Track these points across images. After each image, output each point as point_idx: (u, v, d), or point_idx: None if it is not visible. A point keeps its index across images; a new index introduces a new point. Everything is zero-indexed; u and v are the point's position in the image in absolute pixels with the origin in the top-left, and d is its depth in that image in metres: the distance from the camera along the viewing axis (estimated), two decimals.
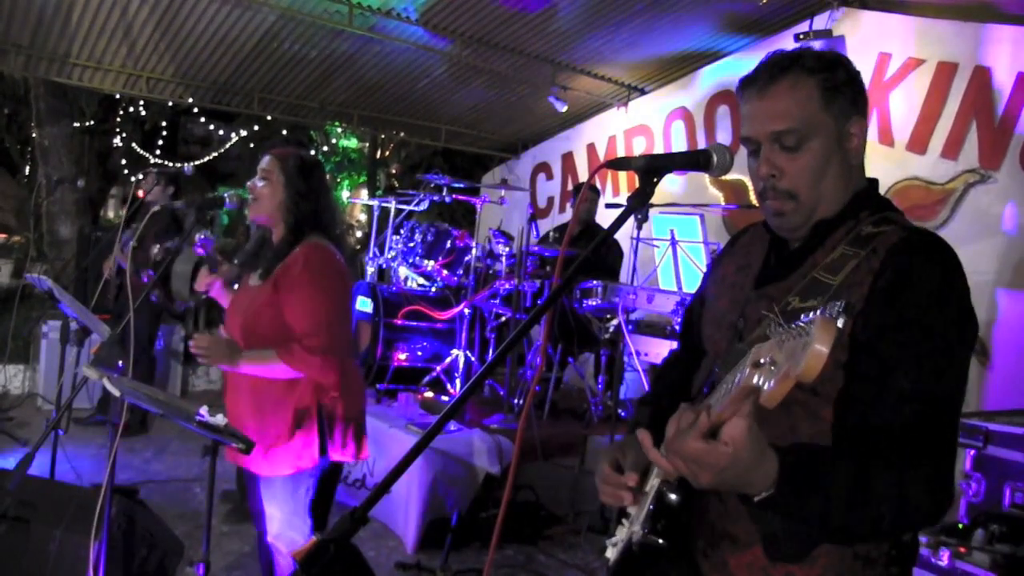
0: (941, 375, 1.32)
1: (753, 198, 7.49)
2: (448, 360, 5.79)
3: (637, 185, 1.41)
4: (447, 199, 6.22)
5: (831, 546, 1.36)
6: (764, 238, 1.60)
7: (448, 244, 6.04)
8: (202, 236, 2.74)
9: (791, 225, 1.49)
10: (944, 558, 3.12)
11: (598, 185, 8.31)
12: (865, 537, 1.35)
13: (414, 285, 6.43)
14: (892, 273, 1.33)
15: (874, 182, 1.54)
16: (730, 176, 7.11)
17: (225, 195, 2.89)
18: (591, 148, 9.03)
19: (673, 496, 1.37)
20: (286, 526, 2.70)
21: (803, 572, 1.38)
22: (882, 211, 1.47)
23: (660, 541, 1.38)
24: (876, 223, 1.42)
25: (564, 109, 7.98)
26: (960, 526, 3.31)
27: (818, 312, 0.92)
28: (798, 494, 1.21)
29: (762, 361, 1.00)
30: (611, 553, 1.59)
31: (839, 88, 1.44)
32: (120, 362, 2.58)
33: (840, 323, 0.91)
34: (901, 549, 1.42)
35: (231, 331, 2.78)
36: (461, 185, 6.34)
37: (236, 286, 2.93)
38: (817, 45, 6.36)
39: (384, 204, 6.91)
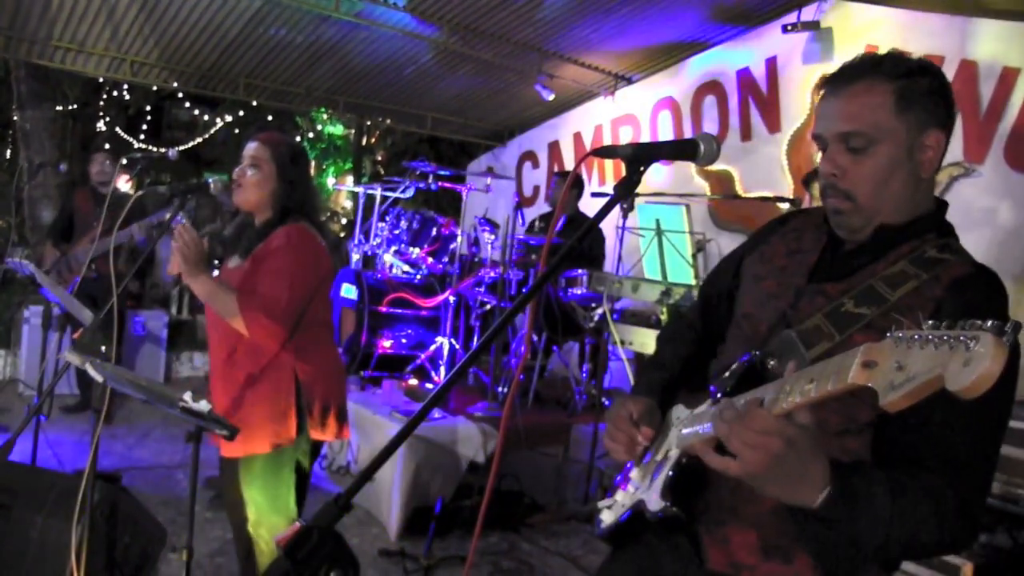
0: (987, 418, 1.35)
1: (739, 188, 7.55)
2: (433, 348, 5.79)
3: (623, 174, 1.42)
4: (433, 186, 6.20)
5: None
6: (822, 229, 1.58)
7: (433, 232, 6.03)
8: (178, 219, 2.73)
9: (848, 225, 1.49)
10: None
11: (584, 174, 8.33)
12: (899, 557, 1.38)
13: (399, 272, 6.42)
14: (955, 311, 1.29)
15: (943, 204, 1.54)
16: (716, 166, 7.13)
17: (209, 181, 2.88)
18: (577, 137, 9.03)
19: (692, 468, 1.40)
20: (268, 510, 2.69)
21: (799, 562, 1.41)
22: (946, 237, 1.48)
23: (680, 512, 1.40)
24: (940, 249, 1.42)
25: (551, 97, 7.97)
26: None
27: (988, 328, 0.89)
28: (851, 504, 1.22)
29: (875, 362, 0.99)
30: (606, 516, 1.59)
31: (918, 97, 1.42)
32: (103, 348, 2.56)
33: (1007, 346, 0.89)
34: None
35: (213, 313, 2.77)
36: (447, 173, 6.33)
37: (216, 273, 2.92)
38: (804, 37, 6.38)
39: (370, 191, 6.89)
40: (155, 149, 10.18)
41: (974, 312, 1.18)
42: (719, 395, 1.36)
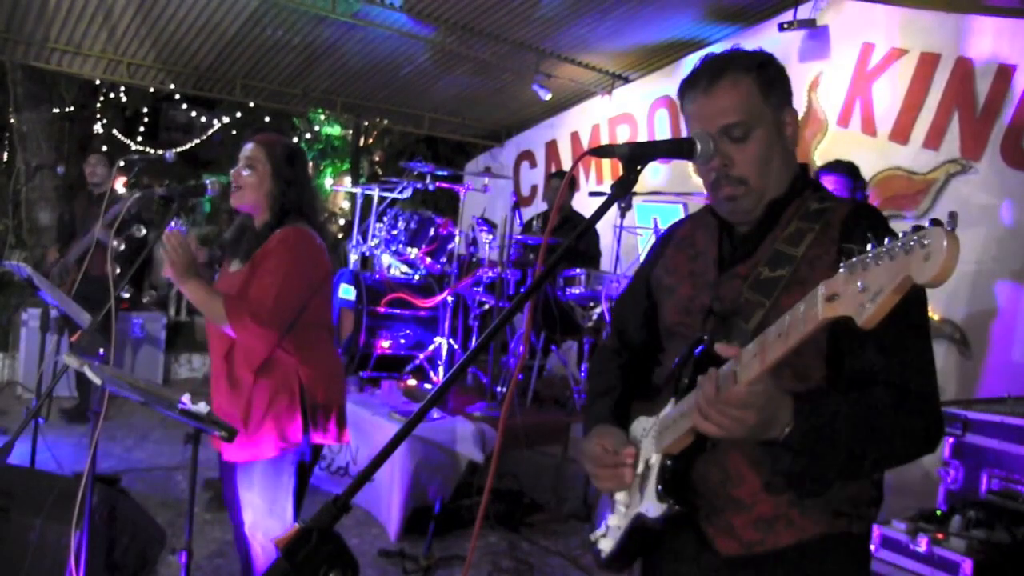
0: (919, 326, 1.49)
1: None
2: (431, 348, 5.79)
3: (621, 173, 1.44)
4: (430, 187, 6.20)
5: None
6: (711, 226, 1.70)
7: (431, 232, 6.03)
8: (174, 224, 2.72)
9: (744, 208, 1.60)
10: (922, 544, 3.16)
11: (581, 173, 8.34)
12: (872, 465, 1.47)
13: (397, 273, 6.42)
14: (859, 241, 1.42)
15: (805, 165, 1.70)
16: None
17: (207, 182, 2.88)
18: (575, 136, 9.03)
19: (678, 467, 1.47)
20: (265, 514, 2.68)
21: (802, 518, 1.49)
22: (819, 190, 1.64)
23: (684, 508, 1.46)
24: (819, 200, 1.57)
25: (548, 97, 7.96)
26: (938, 513, 3.35)
27: (928, 224, 0.97)
28: (814, 427, 1.35)
29: (836, 294, 1.07)
30: (606, 544, 1.61)
31: (773, 82, 1.59)
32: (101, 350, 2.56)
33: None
34: (879, 491, 1.58)
35: None
36: (444, 173, 6.33)
37: (217, 276, 2.92)
38: (801, 35, 6.38)
39: (367, 192, 6.88)
40: (152, 151, 10.18)
41: (875, 238, 1.25)
42: (677, 392, 1.49)
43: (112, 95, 10.29)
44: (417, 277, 6.30)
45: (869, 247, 1.04)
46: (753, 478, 1.50)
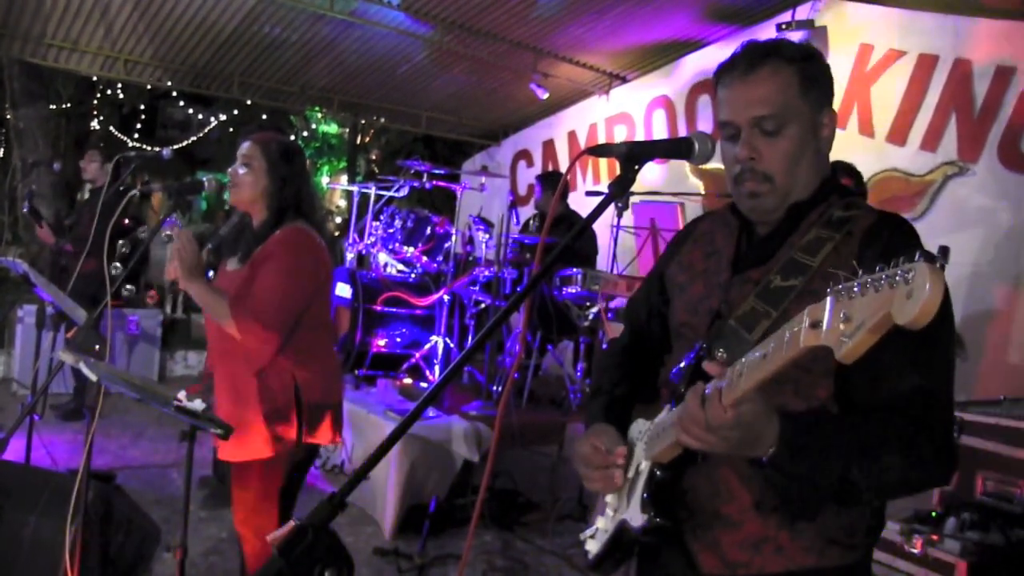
0: (934, 352, 1.38)
1: None
2: (427, 347, 5.79)
3: (618, 172, 1.43)
4: (427, 185, 6.19)
5: (820, 515, 1.42)
6: (730, 224, 1.62)
7: (428, 230, 6.03)
8: (171, 219, 2.72)
9: (765, 207, 1.52)
10: (917, 545, 3.17)
11: (578, 172, 8.35)
12: (873, 494, 1.38)
13: (393, 271, 6.41)
14: (876, 259, 1.35)
15: (836, 170, 1.60)
16: (711, 165, 7.13)
17: (203, 180, 2.87)
18: (572, 136, 9.02)
19: (666, 477, 1.41)
20: (253, 511, 2.69)
21: (792, 544, 1.43)
22: (847, 196, 1.53)
23: (664, 522, 1.41)
24: (845, 208, 1.47)
25: (546, 96, 7.96)
26: (933, 514, 3.36)
27: (920, 259, 0.91)
28: (801, 449, 1.28)
29: (823, 320, 1.01)
30: (592, 545, 1.59)
31: (815, 79, 1.50)
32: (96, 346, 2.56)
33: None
34: (877, 519, 1.49)
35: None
36: (441, 172, 6.32)
37: (211, 273, 2.91)
38: (799, 35, 6.38)
39: (364, 190, 6.88)
40: (149, 148, 10.17)
41: (895, 255, 1.22)
42: (674, 398, 1.41)
43: (109, 92, 10.29)
44: (413, 276, 6.29)
45: (860, 273, 0.98)
46: (744, 495, 1.44)
